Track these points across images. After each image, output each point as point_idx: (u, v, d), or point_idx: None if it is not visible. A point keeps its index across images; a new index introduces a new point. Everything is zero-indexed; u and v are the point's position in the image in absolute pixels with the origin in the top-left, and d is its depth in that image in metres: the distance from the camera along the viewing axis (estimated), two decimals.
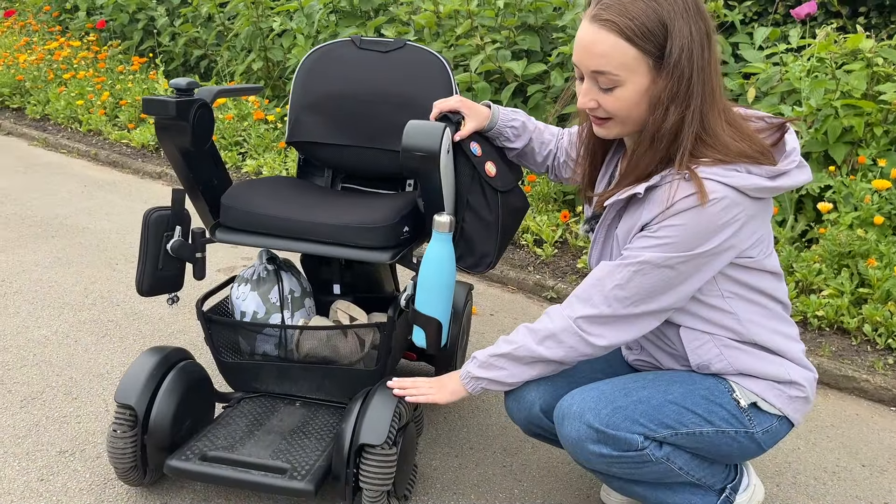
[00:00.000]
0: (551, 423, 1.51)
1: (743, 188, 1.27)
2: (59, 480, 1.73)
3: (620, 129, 1.37)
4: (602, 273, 1.36)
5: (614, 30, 1.25)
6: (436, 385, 1.54)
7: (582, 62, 1.31)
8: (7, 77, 6.23)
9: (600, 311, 1.35)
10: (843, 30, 3.92)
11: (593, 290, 1.36)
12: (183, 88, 1.60)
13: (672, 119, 1.28)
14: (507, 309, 2.92)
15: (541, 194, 3.73)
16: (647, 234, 1.31)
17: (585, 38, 1.29)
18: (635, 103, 1.30)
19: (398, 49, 1.94)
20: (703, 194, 1.25)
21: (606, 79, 1.29)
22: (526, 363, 1.44)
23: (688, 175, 1.27)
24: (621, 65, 1.27)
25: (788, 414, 1.40)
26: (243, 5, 5.11)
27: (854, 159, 3.15)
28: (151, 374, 1.63)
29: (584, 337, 1.37)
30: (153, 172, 4.64)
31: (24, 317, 2.57)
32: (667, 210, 1.28)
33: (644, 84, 1.28)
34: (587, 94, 1.34)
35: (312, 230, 1.65)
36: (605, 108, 1.33)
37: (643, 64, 1.27)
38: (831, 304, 2.70)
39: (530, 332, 1.42)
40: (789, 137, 1.35)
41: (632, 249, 1.33)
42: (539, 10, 4.05)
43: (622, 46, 1.25)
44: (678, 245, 1.28)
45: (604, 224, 1.45)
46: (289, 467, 1.55)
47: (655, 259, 1.30)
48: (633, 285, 1.33)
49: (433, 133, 1.49)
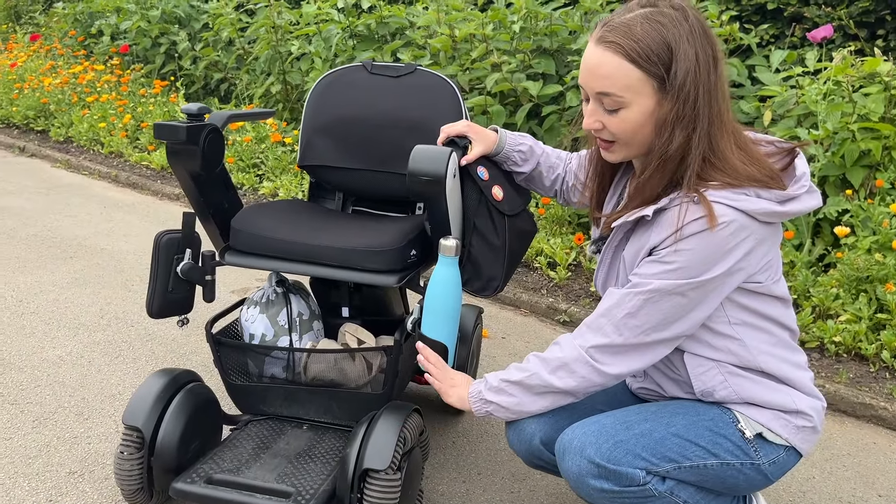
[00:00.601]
0: (552, 455, 1.49)
1: (752, 212, 1.26)
2: (68, 501, 1.74)
3: (626, 153, 1.37)
4: (612, 302, 1.34)
5: (619, 52, 1.26)
6: (448, 382, 1.53)
7: (587, 83, 1.31)
8: (32, 100, 6.35)
9: (612, 340, 1.34)
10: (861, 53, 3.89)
11: (604, 319, 1.35)
12: (194, 114, 1.63)
13: (678, 141, 1.28)
14: (519, 332, 2.90)
15: (555, 217, 3.72)
16: (657, 260, 1.30)
17: (591, 59, 1.30)
18: (640, 125, 1.30)
19: (409, 74, 1.96)
20: (712, 217, 1.24)
21: (611, 100, 1.29)
22: (537, 393, 1.42)
23: (696, 198, 1.26)
24: (626, 87, 1.27)
25: (796, 444, 1.38)
26: (263, 30, 5.19)
27: (872, 183, 3.11)
28: (159, 397, 1.63)
29: (595, 366, 1.35)
30: (171, 194, 4.70)
31: (39, 337, 2.60)
32: (676, 233, 1.27)
33: (649, 106, 1.28)
34: (592, 115, 1.34)
35: (320, 253, 1.66)
36: (610, 130, 1.33)
37: (648, 86, 1.27)
38: (849, 329, 2.66)
39: (542, 362, 1.41)
40: (799, 162, 1.34)
41: (641, 276, 1.32)
42: (554, 34, 4.08)
43: (626, 68, 1.26)
44: (688, 270, 1.27)
45: (611, 245, 1.44)
46: (293, 491, 1.55)
47: (666, 287, 1.29)
48: (643, 314, 1.31)
49: (439, 158, 1.50)
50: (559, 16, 4.14)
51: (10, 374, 2.33)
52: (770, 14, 4.20)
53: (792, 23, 4.10)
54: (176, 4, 6.48)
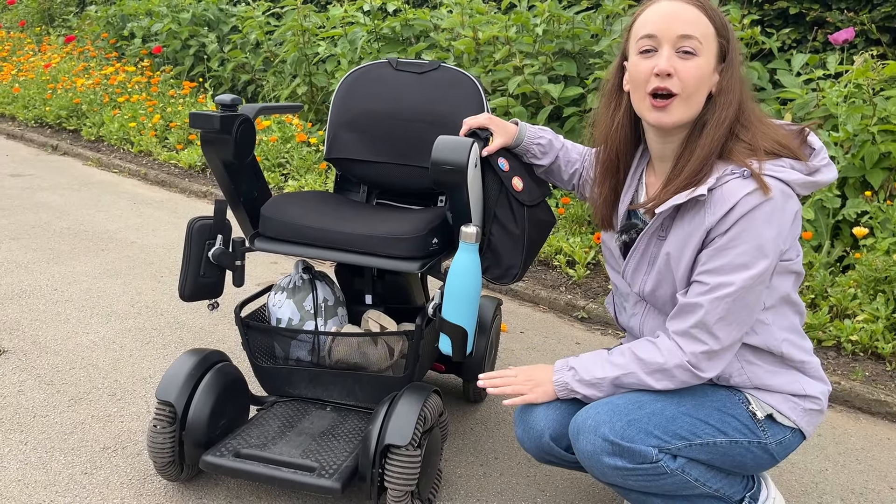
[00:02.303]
0: (562, 450, 1.53)
1: (792, 182, 1.32)
2: (102, 475, 1.82)
3: (682, 112, 1.36)
4: (701, 311, 1.34)
5: (698, 7, 1.34)
6: (529, 383, 1.52)
7: (668, 27, 1.33)
8: (65, 100, 6.51)
9: (710, 346, 1.35)
10: (883, 57, 3.90)
11: (697, 329, 1.35)
12: (227, 104, 1.70)
13: (728, 112, 1.34)
14: (537, 328, 2.95)
15: (574, 216, 3.77)
16: (722, 248, 1.31)
17: (668, 8, 1.35)
18: (706, 78, 1.35)
19: (433, 70, 2.02)
20: (766, 189, 1.28)
21: (691, 43, 1.33)
22: (626, 388, 1.44)
23: (747, 172, 1.30)
24: (704, 35, 1.34)
25: (802, 426, 1.42)
26: (291, 32, 5.29)
27: (891, 185, 3.13)
28: (191, 374, 1.71)
29: (695, 373, 1.37)
30: (199, 191, 4.81)
31: (73, 323, 2.70)
32: (731, 212, 1.29)
33: (712, 65, 1.35)
34: (668, 59, 1.34)
35: (345, 240, 1.72)
36: (681, 77, 1.33)
37: (715, 46, 1.35)
38: (866, 329, 2.68)
39: (640, 363, 1.41)
40: (812, 138, 1.39)
41: (717, 274, 1.32)
42: (576, 37, 4.13)
43: (705, 22, 1.34)
44: (756, 251, 1.29)
45: (647, 233, 1.44)
46: (317, 466, 1.61)
47: (748, 280, 1.30)
48: (734, 314, 1.33)
49: (461, 148, 1.56)
50: (581, 19, 4.20)
51: (46, 356, 2.42)
52: (792, 18, 4.22)
53: (814, 27, 4.12)
54: (205, 8, 6.62)
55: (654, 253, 1.44)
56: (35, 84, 7.03)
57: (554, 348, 2.76)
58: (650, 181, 1.52)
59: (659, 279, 1.43)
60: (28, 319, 2.71)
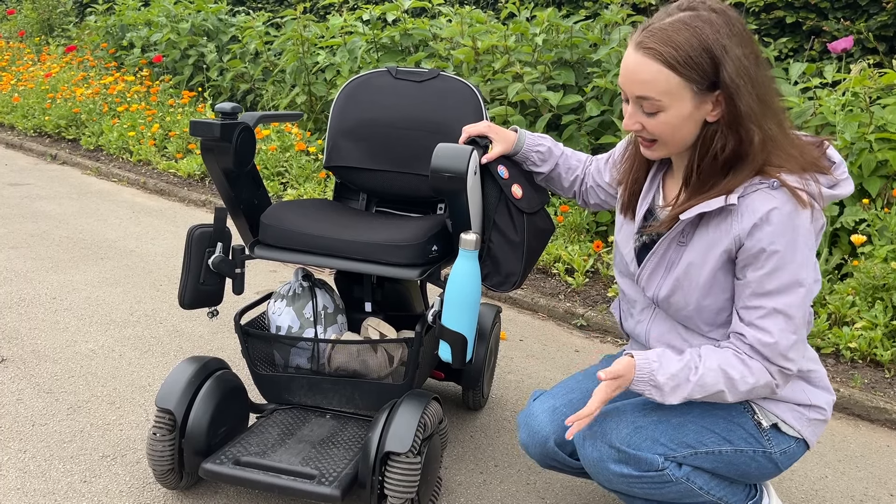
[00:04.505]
0: (566, 455, 1.53)
1: (817, 196, 1.31)
2: (101, 483, 1.81)
3: (666, 151, 1.39)
4: (774, 337, 1.32)
5: (658, 58, 1.28)
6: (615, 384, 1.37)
7: (627, 87, 1.34)
8: (64, 109, 6.52)
9: (785, 364, 1.34)
10: (880, 66, 3.93)
11: (770, 351, 1.33)
12: (227, 112, 1.71)
13: (732, 137, 1.31)
14: (536, 335, 2.95)
15: (573, 224, 3.77)
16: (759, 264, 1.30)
17: (630, 64, 1.32)
18: (678, 127, 1.33)
19: (432, 79, 2.03)
20: (801, 201, 1.28)
21: (650, 104, 1.32)
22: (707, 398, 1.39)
23: (776, 183, 1.29)
24: (664, 92, 1.30)
25: (806, 436, 1.42)
26: (290, 42, 5.31)
27: (888, 192, 3.14)
28: (190, 381, 1.71)
29: (774, 388, 1.37)
30: (198, 200, 4.81)
31: (72, 332, 2.70)
32: (761, 223, 1.29)
33: (687, 109, 1.31)
34: (632, 116, 1.37)
35: (345, 247, 1.73)
36: (649, 131, 1.36)
37: (687, 91, 1.29)
38: (864, 336, 2.68)
39: (729, 381, 1.34)
40: (832, 151, 1.38)
41: (769, 297, 1.31)
42: (575, 46, 4.15)
43: (665, 74, 1.28)
44: (797, 266, 1.29)
45: (667, 238, 1.42)
46: (317, 473, 1.61)
47: (797, 299, 1.30)
48: (799, 335, 1.33)
49: (461, 155, 1.57)
50: (580, 28, 4.22)
51: (44, 365, 2.42)
52: (789, 28, 4.25)
53: (811, 36, 4.14)
54: (205, 18, 6.65)
55: (672, 258, 1.42)
56: (34, 94, 7.05)
57: (553, 356, 2.76)
58: (668, 183, 1.51)
59: (675, 286, 1.41)
60: (27, 328, 2.71)
